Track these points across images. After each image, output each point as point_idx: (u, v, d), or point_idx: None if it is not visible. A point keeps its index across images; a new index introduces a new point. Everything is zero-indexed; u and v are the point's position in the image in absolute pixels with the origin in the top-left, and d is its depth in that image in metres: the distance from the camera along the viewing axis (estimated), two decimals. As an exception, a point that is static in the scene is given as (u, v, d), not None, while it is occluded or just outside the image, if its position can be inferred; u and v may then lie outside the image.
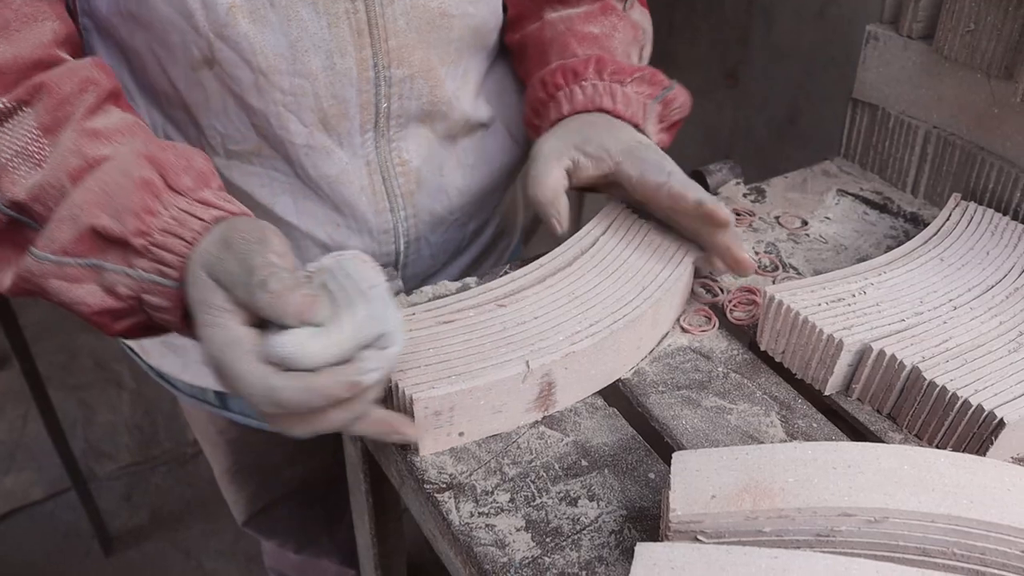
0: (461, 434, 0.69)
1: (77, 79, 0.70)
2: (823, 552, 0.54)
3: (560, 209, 0.82)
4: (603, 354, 0.72)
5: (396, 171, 0.90)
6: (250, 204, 0.86)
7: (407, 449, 0.69)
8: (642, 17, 1.01)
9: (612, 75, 0.89)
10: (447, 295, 0.81)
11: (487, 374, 0.67)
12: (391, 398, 0.68)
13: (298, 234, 0.89)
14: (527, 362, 0.68)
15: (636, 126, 0.88)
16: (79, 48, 0.77)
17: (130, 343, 1.10)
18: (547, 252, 0.82)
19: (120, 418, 2.34)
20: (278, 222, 0.88)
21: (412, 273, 0.98)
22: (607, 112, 0.87)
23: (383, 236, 0.92)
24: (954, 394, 0.66)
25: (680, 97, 0.93)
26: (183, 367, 1.05)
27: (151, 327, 0.72)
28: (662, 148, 0.87)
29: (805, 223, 0.96)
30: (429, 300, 0.81)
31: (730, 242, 0.79)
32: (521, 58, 0.99)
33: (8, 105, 0.68)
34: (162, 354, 1.05)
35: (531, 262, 0.81)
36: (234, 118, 0.82)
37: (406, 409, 0.66)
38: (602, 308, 0.74)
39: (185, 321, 0.68)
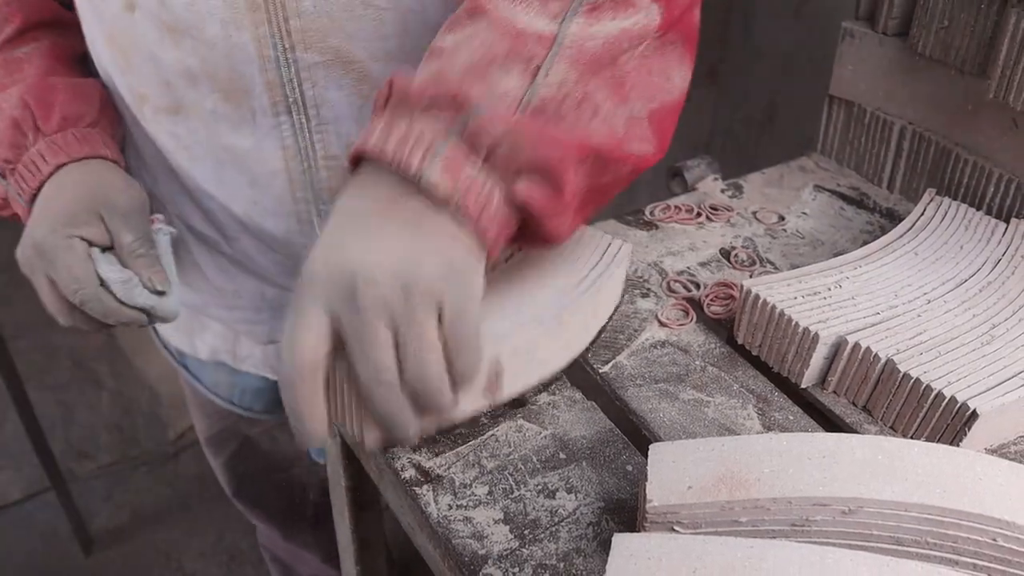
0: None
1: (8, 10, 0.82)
2: (798, 542, 0.55)
3: None
4: (549, 339, 0.72)
5: (320, 163, 0.84)
6: (169, 169, 0.89)
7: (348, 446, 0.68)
8: (575, 27, 0.62)
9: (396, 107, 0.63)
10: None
11: None
12: (339, 398, 0.63)
13: (216, 204, 0.89)
14: None
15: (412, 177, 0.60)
16: None
17: None
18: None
19: (99, 418, 2.33)
20: (198, 189, 0.89)
21: None
22: (371, 158, 0.62)
23: (304, 227, 0.89)
24: (928, 386, 0.67)
25: (490, 125, 0.59)
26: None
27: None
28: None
29: (782, 218, 0.96)
30: None
31: None
32: None
33: None
34: None
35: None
36: (153, 71, 0.80)
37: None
38: (541, 299, 0.74)
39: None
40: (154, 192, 0.92)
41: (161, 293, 0.80)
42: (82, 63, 0.90)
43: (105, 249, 0.79)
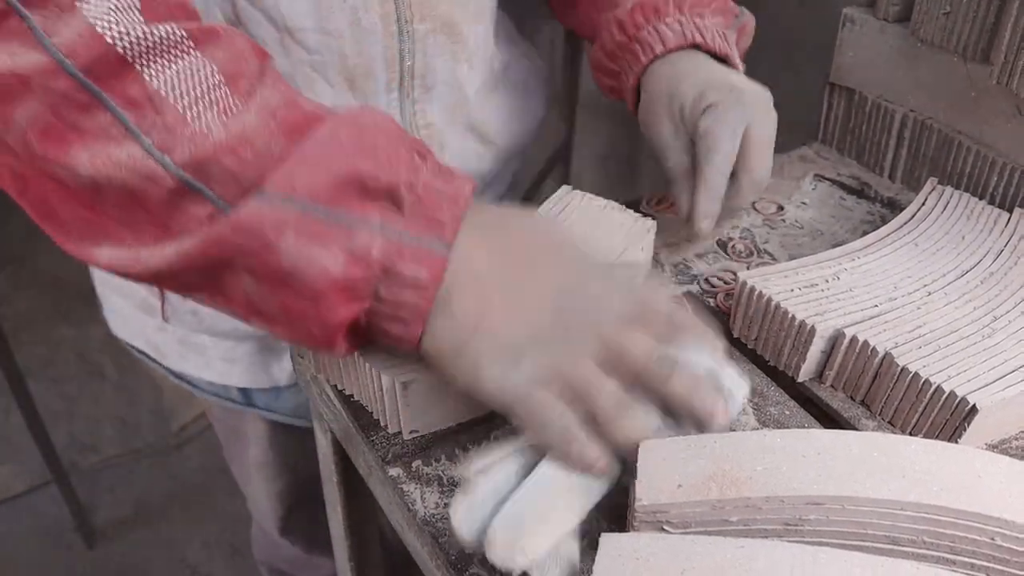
0: None
1: (245, 40, 0.57)
2: (791, 541, 0.54)
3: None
4: None
5: (421, 133, 0.90)
6: None
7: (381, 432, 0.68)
8: None
9: (691, 8, 0.87)
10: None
11: None
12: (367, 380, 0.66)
13: None
14: None
15: (725, 58, 0.88)
16: None
17: (146, 350, 1.07)
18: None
19: (103, 410, 2.33)
20: None
21: None
22: (699, 48, 0.86)
23: None
24: (927, 380, 0.65)
25: (750, 24, 0.93)
26: (205, 365, 1.02)
27: (363, 329, 0.58)
28: None
29: (781, 208, 0.95)
30: None
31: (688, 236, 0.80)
32: (570, 4, 0.98)
33: (178, 35, 0.52)
34: (182, 355, 1.03)
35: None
36: None
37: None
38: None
39: (427, 313, 0.56)
40: None
41: None
42: None
43: None
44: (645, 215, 0.84)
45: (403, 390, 0.64)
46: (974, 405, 0.63)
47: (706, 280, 0.84)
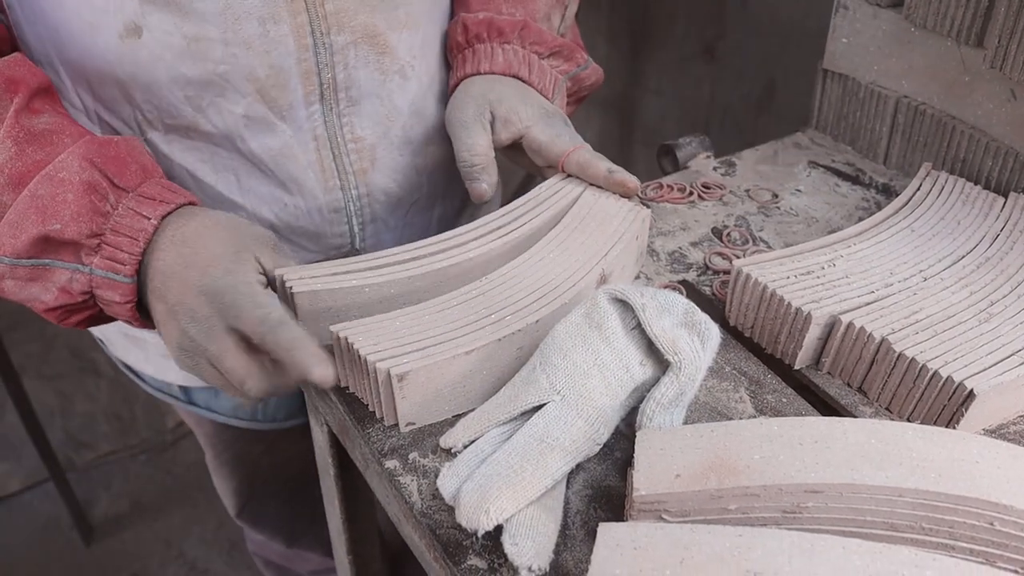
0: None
1: (1, 79, 0.70)
2: (789, 529, 0.54)
3: (492, 174, 0.83)
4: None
5: (348, 147, 0.87)
6: (192, 184, 0.84)
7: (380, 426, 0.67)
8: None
9: (532, 45, 0.90)
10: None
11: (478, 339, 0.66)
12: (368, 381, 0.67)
13: (244, 214, 0.86)
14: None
15: (544, 97, 0.89)
16: (4, 40, 0.76)
17: (97, 335, 1.10)
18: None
19: (98, 407, 2.32)
20: (222, 202, 0.85)
21: None
22: (521, 80, 0.88)
23: (334, 215, 0.90)
24: (924, 366, 0.65)
25: (593, 76, 0.96)
26: (145, 360, 1.04)
27: (104, 318, 0.75)
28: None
29: (776, 196, 0.94)
30: None
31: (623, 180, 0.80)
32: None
33: None
34: (126, 348, 1.04)
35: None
36: (167, 91, 0.78)
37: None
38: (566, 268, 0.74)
39: (137, 313, 0.72)
40: None
41: None
42: None
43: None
44: (640, 203, 0.84)
45: (399, 381, 0.64)
46: (972, 390, 0.62)
47: (702, 268, 0.84)
